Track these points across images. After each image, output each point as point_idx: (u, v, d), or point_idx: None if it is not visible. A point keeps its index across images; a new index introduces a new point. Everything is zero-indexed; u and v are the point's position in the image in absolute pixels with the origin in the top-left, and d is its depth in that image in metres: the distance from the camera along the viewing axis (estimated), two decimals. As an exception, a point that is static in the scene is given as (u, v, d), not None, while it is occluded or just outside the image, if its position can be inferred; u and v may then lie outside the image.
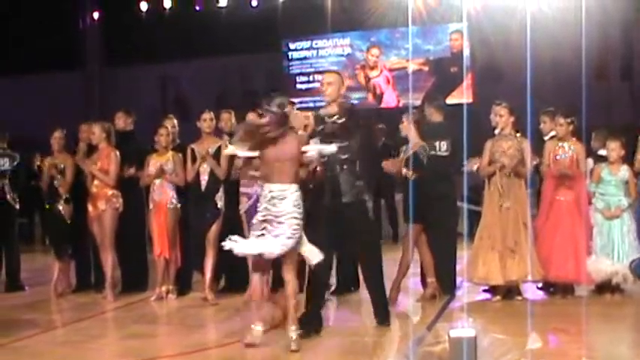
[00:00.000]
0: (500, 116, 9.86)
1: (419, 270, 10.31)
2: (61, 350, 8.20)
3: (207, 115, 10.46)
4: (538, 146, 10.20)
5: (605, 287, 9.95)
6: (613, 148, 10.00)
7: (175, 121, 11.37)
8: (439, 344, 6.71)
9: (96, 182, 10.69)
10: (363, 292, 10.65)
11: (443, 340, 6.63)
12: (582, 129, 10.01)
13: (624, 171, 10.01)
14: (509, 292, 9.90)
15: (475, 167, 9.90)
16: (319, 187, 8.44)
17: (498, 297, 9.90)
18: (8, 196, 11.79)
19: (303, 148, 7.85)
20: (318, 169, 8.22)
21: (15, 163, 11.89)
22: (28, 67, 21.87)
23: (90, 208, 10.74)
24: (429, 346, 7.07)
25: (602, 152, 10.40)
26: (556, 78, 16.03)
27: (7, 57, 21.62)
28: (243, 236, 10.16)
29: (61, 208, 11.13)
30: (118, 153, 10.73)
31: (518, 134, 9.93)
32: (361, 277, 9.53)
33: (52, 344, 8.54)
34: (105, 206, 10.62)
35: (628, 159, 10.22)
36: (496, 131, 9.96)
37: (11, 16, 21.65)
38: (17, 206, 11.94)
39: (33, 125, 13.42)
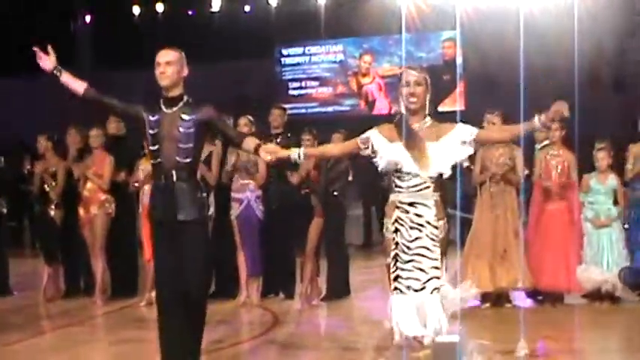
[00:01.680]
0: (493, 124, 9.85)
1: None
2: (50, 355, 8.20)
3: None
4: (532, 155, 10.21)
5: (595, 296, 9.95)
6: (602, 158, 10.01)
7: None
8: (423, 349, 6.71)
9: (88, 186, 10.68)
10: (354, 298, 10.71)
11: (427, 345, 6.64)
12: (574, 138, 10.02)
13: (612, 180, 10.03)
14: (498, 299, 9.91)
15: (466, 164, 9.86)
16: None
17: (487, 304, 9.91)
18: None
19: None
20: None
21: None
22: (19, 69, 21.83)
23: (81, 212, 10.72)
24: (413, 352, 7.08)
25: None
26: (549, 86, 16.03)
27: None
28: (232, 241, 10.21)
29: (52, 212, 11.11)
30: (112, 158, 10.73)
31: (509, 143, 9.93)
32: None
33: (41, 349, 8.53)
34: (97, 211, 10.62)
35: (617, 168, 10.22)
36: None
37: (1, 17, 21.64)
38: (4, 210, 11.89)
39: (22, 128, 13.39)
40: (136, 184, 10.47)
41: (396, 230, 6.17)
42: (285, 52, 22.41)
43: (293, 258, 10.71)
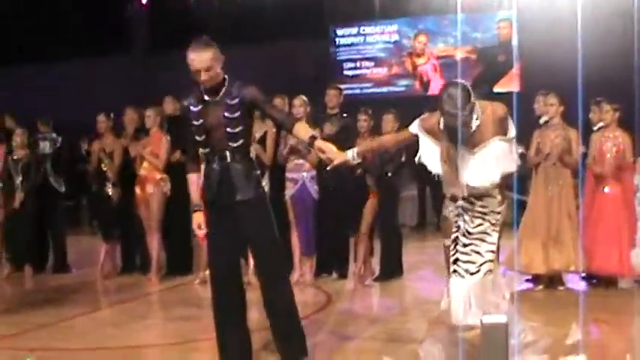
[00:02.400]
0: (551, 105, 9.79)
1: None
2: (107, 330, 8.32)
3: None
4: (588, 137, 10.14)
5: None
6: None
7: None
8: (472, 330, 6.73)
9: (145, 165, 10.80)
10: (406, 278, 10.73)
11: (476, 326, 6.65)
12: (634, 121, 9.94)
13: (668, 163, 9.92)
14: (551, 281, 9.88)
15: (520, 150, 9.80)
16: None
17: (541, 286, 9.89)
18: (51, 179, 11.92)
19: None
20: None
21: (57, 145, 11.98)
22: (78, 51, 22.05)
23: (138, 191, 10.86)
24: (461, 332, 7.10)
25: None
26: (606, 67, 15.88)
27: (58, 41, 21.82)
28: (287, 221, 10.26)
29: (109, 191, 11.25)
30: (168, 137, 10.83)
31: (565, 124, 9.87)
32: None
33: (97, 324, 8.68)
34: (153, 190, 10.73)
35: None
36: (541, 120, 9.92)
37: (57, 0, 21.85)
38: (62, 189, 12.04)
39: (82, 109, 13.52)
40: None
41: (459, 214, 6.19)
42: (339, 32, 22.33)
43: (347, 238, 10.75)
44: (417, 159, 6.44)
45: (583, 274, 10.12)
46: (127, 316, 8.98)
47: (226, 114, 6.20)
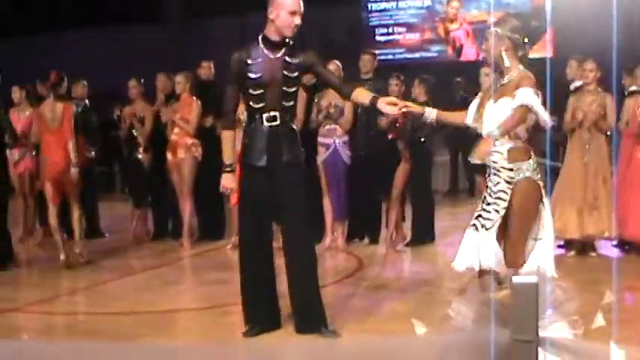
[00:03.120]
0: (590, 71, 9.69)
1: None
2: (139, 295, 8.38)
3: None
4: (622, 103, 10.05)
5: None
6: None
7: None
8: (502, 290, 6.74)
9: (176, 130, 10.80)
10: (438, 244, 10.71)
11: (505, 287, 6.65)
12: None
13: (699, 129, 9.80)
14: (584, 247, 9.84)
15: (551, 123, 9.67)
16: None
17: (573, 252, 9.84)
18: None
19: None
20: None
21: (80, 109, 11.70)
22: (112, 19, 22.11)
23: (169, 156, 10.87)
24: (492, 292, 7.10)
25: None
26: (637, 35, 15.73)
27: (93, 9, 21.87)
28: (319, 187, 10.27)
29: (140, 156, 11.28)
30: (199, 102, 10.82)
31: (600, 90, 9.78)
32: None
33: (130, 289, 8.74)
34: (184, 155, 10.74)
35: None
36: (572, 86, 9.84)
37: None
38: (92, 154, 11.90)
39: (116, 77, 13.56)
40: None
41: (488, 174, 6.31)
42: (372, -3, 22.27)
43: (379, 203, 10.74)
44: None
45: (615, 241, 10.07)
46: (160, 281, 9.04)
47: (285, 72, 6.26)
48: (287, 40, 6.35)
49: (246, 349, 6.30)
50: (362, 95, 6.42)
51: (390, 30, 21.89)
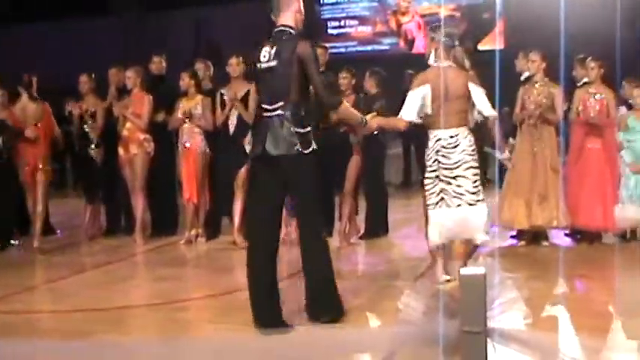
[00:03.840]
0: (533, 62, 9.79)
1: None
2: (92, 292, 8.32)
3: (234, 60, 10.41)
4: (572, 93, 10.14)
5: (632, 235, 9.94)
6: (637, 95, 9.91)
7: (208, 65, 11.38)
8: (450, 282, 6.81)
9: (128, 126, 10.75)
10: (392, 236, 10.76)
11: (454, 278, 6.73)
12: (615, 77, 9.96)
13: (652, 118, 9.92)
14: (535, 237, 9.93)
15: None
16: None
17: (523, 242, 9.94)
18: None
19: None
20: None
21: None
22: (63, 13, 21.94)
23: (121, 151, 10.81)
24: (440, 284, 7.17)
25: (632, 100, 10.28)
26: (589, 25, 15.87)
27: (44, 3, 21.70)
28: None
29: (92, 152, 11.20)
30: (150, 97, 10.78)
31: (547, 80, 9.87)
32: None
33: (82, 286, 8.68)
34: (137, 150, 10.70)
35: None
36: (522, 77, 9.92)
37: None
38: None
39: (67, 72, 13.46)
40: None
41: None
42: (324, -10, 22.30)
43: (332, 196, 10.78)
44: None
45: (567, 230, 10.18)
46: (113, 277, 8.99)
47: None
48: (288, 30, 6.73)
49: (201, 344, 6.31)
50: (349, 113, 6.74)
51: (342, 23, 21.97)
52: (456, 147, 7.16)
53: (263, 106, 6.51)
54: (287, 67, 6.37)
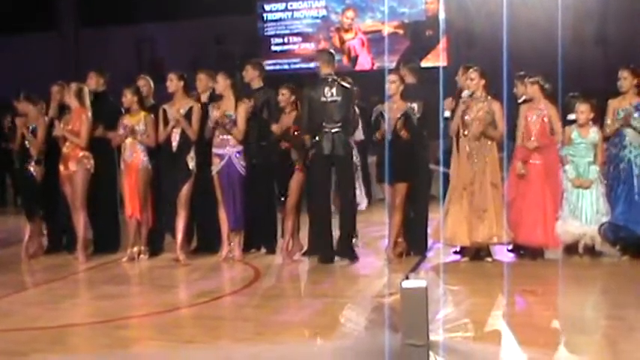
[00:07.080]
0: (471, 79, 9.86)
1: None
2: (33, 311, 8.19)
3: (172, 76, 10.44)
4: (514, 110, 10.19)
5: (574, 249, 10.00)
6: (582, 111, 9.97)
7: (149, 81, 11.32)
8: (391, 295, 6.80)
9: (67, 143, 10.64)
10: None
11: (395, 291, 6.72)
12: (558, 93, 10.04)
13: (594, 133, 9.96)
14: (478, 253, 9.97)
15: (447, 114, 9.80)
16: None
17: (466, 258, 9.98)
18: None
19: None
20: None
21: None
22: (2, 27, 21.73)
23: (61, 168, 10.69)
24: (381, 298, 7.16)
25: (571, 117, 10.35)
26: (532, 41, 16.04)
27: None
28: (215, 197, 10.25)
29: (32, 169, 11.07)
30: (89, 114, 10.67)
31: (488, 97, 9.92)
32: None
33: (23, 305, 8.54)
34: (76, 167, 10.58)
35: (599, 122, 10.21)
36: (463, 94, 9.93)
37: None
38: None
39: (6, 87, 13.33)
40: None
41: None
42: (267, 7, 22.28)
43: (274, 213, 10.75)
44: None
45: (510, 246, 10.23)
46: (54, 296, 8.86)
47: None
48: None
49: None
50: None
51: (286, 40, 21.99)
52: None
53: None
54: None
